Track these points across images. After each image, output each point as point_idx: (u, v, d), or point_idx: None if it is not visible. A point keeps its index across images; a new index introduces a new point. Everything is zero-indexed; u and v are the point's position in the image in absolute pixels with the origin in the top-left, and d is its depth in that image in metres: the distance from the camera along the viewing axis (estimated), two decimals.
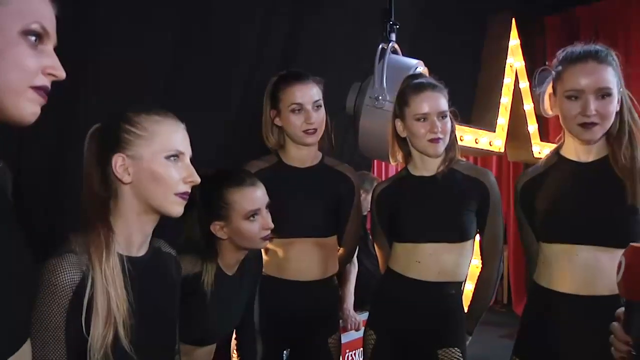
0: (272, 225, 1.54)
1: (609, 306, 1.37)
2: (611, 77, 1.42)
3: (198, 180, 1.15)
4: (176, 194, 1.13)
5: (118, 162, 1.11)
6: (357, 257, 2.82)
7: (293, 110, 1.82)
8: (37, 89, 0.83)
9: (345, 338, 2.60)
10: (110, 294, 1.03)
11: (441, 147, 1.74)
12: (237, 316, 1.64)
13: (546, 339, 1.50)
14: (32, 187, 1.73)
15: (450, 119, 1.79)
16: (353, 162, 2.95)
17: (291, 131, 1.84)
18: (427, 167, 1.79)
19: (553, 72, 1.53)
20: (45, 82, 0.85)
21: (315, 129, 1.84)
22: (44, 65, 0.84)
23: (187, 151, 1.17)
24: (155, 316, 1.16)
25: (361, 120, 2.46)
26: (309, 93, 1.83)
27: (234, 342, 1.77)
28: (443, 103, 1.74)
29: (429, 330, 1.72)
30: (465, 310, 1.81)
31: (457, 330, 1.73)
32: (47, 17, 0.85)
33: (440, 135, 1.72)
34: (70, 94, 1.83)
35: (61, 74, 0.86)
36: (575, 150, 1.52)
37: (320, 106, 1.86)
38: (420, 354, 1.74)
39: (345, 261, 2.08)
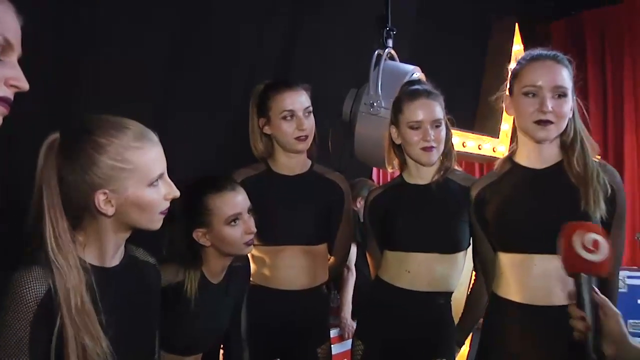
0: (254, 230, 1.53)
1: (566, 316, 1.36)
2: (567, 79, 1.43)
3: (178, 193, 1.14)
4: (160, 213, 1.13)
5: (101, 198, 1.07)
6: (355, 264, 2.81)
7: (284, 118, 1.80)
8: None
9: (342, 347, 2.57)
10: (85, 342, 1.01)
11: (434, 155, 1.72)
12: (222, 325, 1.62)
13: (506, 349, 1.46)
14: (24, 189, 1.73)
15: (447, 126, 1.76)
16: (352, 168, 2.94)
17: (282, 139, 1.83)
18: (422, 175, 1.77)
19: (511, 73, 1.52)
20: (7, 93, 0.84)
21: (307, 136, 1.82)
22: (6, 77, 0.83)
23: (165, 167, 1.14)
24: (129, 326, 1.14)
25: (357, 126, 2.44)
26: (299, 99, 1.82)
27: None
28: (438, 111, 1.72)
29: (418, 340, 1.69)
30: (456, 321, 1.78)
31: (446, 341, 1.71)
32: (11, 29, 0.84)
33: (434, 144, 1.69)
34: (66, 94, 1.84)
35: (24, 85, 0.85)
36: (528, 157, 1.50)
37: (310, 112, 1.85)
38: None
39: (336, 270, 2.05)
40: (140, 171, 1.09)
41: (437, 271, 1.70)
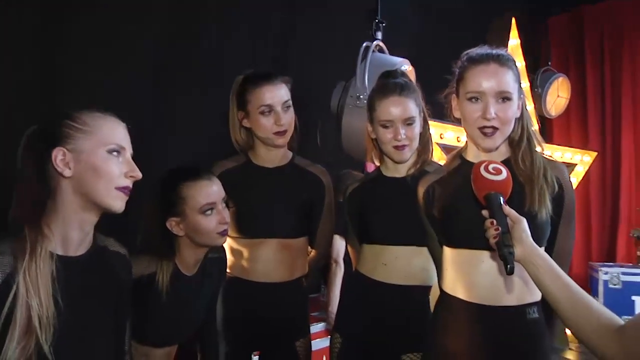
0: (228, 220, 1.52)
1: (516, 317, 1.37)
2: (512, 81, 1.39)
3: (139, 175, 1.16)
4: (117, 188, 1.13)
5: (58, 155, 1.10)
6: (343, 259, 2.79)
7: (262, 112, 1.78)
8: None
9: (327, 342, 2.57)
10: (32, 304, 1.02)
11: (406, 153, 1.71)
12: (197, 318, 1.61)
13: (449, 347, 1.43)
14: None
15: (424, 119, 1.75)
16: (344, 161, 2.93)
17: (261, 133, 1.81)
18: (398, 168, 1.76)
19: (455, 73, 1.48)
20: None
21: (286, 130, 1.80)
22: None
23: (128, 148, 1.17)
24: (92, 319, 1.14)
25: (343, 119, 2.43)
26: (278, 94, 1.79)
27: None
28: (410, 108, 1.68)
29: (394, 334, 1.68)
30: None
31: (422, 335, 1.68)
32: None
33: (405, 142, 1.68)
34: (54, 89, 1.84)
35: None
36: (477, 154, 1.47)
37: (290, 106, 1.82)
38: (385, 357, 1.70)
39: (317, 263, 2.03)
40: (97, 134, 1.13)
41: (414, 264, 1.69)
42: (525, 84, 4.25)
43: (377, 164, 2.26)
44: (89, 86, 2.08)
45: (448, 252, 1.48)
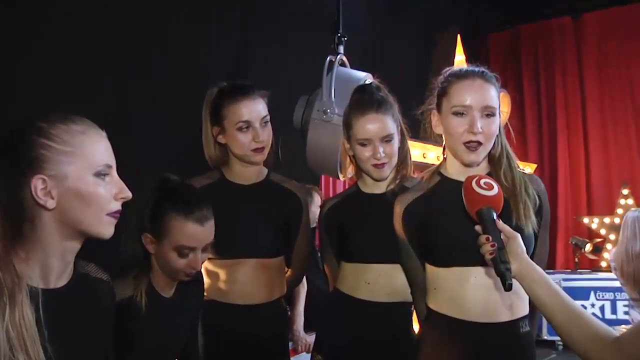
0: (199, 268, 1.44)
1: (510, 332, 1.38)
2: (495, 97, 1.42)
3: (130, 195, 1.03)
4: (108, 214, 1.01)
5: (39, 185, 0.95)
6: (306, 276, 2.74)
7: (240, 129, 1.70)
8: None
9: None
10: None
11: (386, 171, 1.68)
12: (177, 344, 1.51)
13: None
14: None
15: (403, 133, 1.74)
16: (302, 177, 2.90)
17: (238, 151, 1.73)
18: (378, 184, 1.73)
19: (437, 88, 1.48)
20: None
21: (264, 147, 1.74)
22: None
23: (114, 163, 1.03)
24: (77, 354, 1.03)
25: (309, 134, 2.39)
26: (256, 109, 1.72)
27: None
28: (388, 126, 1.65)
29: (379, 352, 1.65)
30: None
31: (407, 352, 1.67)
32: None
33: (385, 160, 1.65)
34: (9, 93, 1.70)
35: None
36: (457, 170, 1.47)
37: (267, 122, 1.76)
38: None
39: (294, 282, 1.98)
40: (83, 156, 0.97)
41: (397, 281, 1.66)
42: None
43: (342, 179, 2.23)
44: (42, 100, 1.94)
45: (434, 271, 1.47)
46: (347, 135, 1.71)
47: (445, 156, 1.52)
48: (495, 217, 1.19)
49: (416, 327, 1.72)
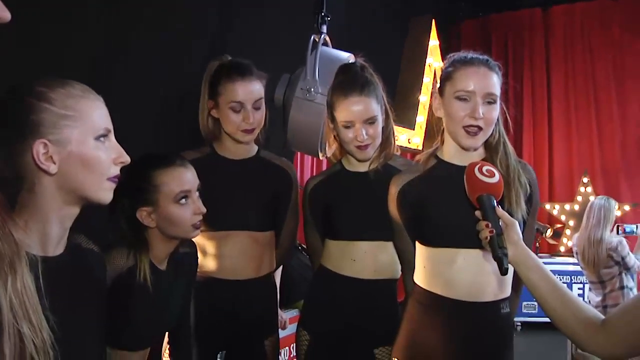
0: (204, 210, 1.41)
1: (491, 312, 1.45)
2: (497, 85, 1.45)
3: (128, 159, 1.03)
4: (108, 179, 1.00)
5: (40, 150, 0.93)
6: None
7: (232, 108, 1.70)
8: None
9: None
10: (23, 331, 0.86)
11: (369, 152, 1.70)
12: (173, 316, 1.50)
13: (426, 341, 1.48)
14: None
15: (387, 113, 1.75)
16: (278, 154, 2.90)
17: (228, 128, 1.74)
18: (362, 163, 1.75)
19: (442, 73, 1.52)
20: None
21: (254, 129, 1.74)
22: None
23: (112, 128, 1.03)
24: (78, 324, 1.01)
25: (291, 113, 2.37)
26: (251, 91, 1.71)
27: (166, 344, 1.63)
28: (372, 108, 1.66)
29: (365, 328, 1.68)
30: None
31: (393, 328, 1.71)
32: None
33: (368, 142, 1.67)
34: None
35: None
36: (453, 154, 1.51)
37: (261, 105, 1.75)
38: (357, 353, 1.70)
39: (282, 258, 1.99)
40: (85, 120, 0.97)
41: (382, 258, 1.70)
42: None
43: (322, 157, 2.24)
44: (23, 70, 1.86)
45: (424, 250, 1.51)
46: (331, 116, 1.72)
47: (442, 140, 1.55)
48: (495, 204, 1.22)
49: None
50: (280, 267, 2.75)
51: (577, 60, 5.20)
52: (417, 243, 1.55)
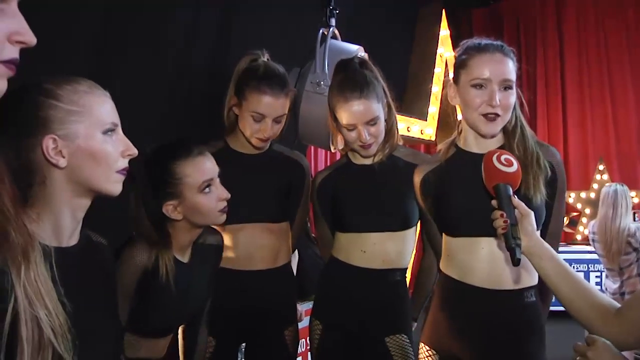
0: (228, 195, 1.42)
1: (514, 300, 1.44)
2: (513, 71, 1.44)
3: (136, 152, 1.05)
4: (117, 172, 1.03)
5: (50, 145, 0.96)
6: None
7: (253, 117, 1.71)
8: (6, 62, 0.70)
9: None
10: (40, 316, 0.89)
11: (373, 149, 1.71)
12: (197, 304, 1.52)
13: (451, 327, 1.48)
14: None
15: (390, 106, 1.74)
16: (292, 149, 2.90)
17: (244, 131, 1.75)
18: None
19: (456, 61, 1.51)
20: (13, 52, 0.70)
21: (268, 139, 1.76)
22: (9, 32, 0.69)
23: (119, 122, 1.05)
24: (96, 315, 1.04)
25: (301, 106, 2.38)
26: (276, 108, 1.71)
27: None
28: (372, 109, 1.65)
29: (376, 317, 1.70)
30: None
31: (403, 316, 1.73)
32: None
33: (371, 141, 1.68)
34: None
35: (31, 39, 0.72)
36: (472, 142, 1.51)
37: (282, 120, 1.76)
38: (368, 341, 1.72)
39: (293, 246, 2.00)
40: (91, 115, 1.00)
41: (391, 249, 1.72)
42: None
43: (334, 150, 2.26)
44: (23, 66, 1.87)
45: (446, 239, 1.53)
46: (334, 118, 1.72)
47: (460, 129, 1.55)
48: (511, 194, 1.23)
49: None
50: (296, 258, 2.78)
51: (591, 44, 5.13)
52: (442, 233, 1.56)
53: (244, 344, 1.89)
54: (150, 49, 2.33)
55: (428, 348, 1.53)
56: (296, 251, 2.74)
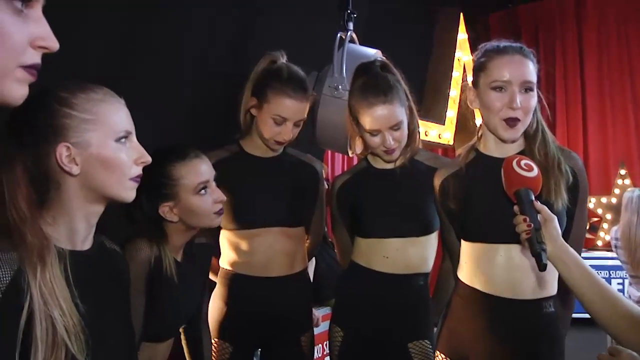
0: (224, 198, 1.43)
1: (532, 310, 1.41)
2: (534, 73, 1.42)
3: (150, 160, 1.07)
4: (130, 179, 1.04)
5: (63, 152, 0.98)
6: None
7: (274, 120, 1.70)
8: (28, 67, 0.70)
9: None
10: (54, 316, 0.90)
11: (396, 153, 1.70)
12: (193, 306, 1.53)
13: (465, 335, 1.46)
14: None
15: (412, 109, 1.73)
16: (304, 151, 2.90)
17: (263, 134, 1.74)
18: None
19: (475, 64, 1.49)
20: (35, 58, 0.71)
21: (286, 142, 1.75)
22: (32, 37, 0.69)
23: (134, 129, 1.07)
24: (106, 313, 1.05)
25: (319, 110, 2.37)
26: (298, 111, 1.71)
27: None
28: (396, 114, 1.64)
29: (399, 323, 1.69)
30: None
31: (426, 322, 1.71)
32: None
33: (394, 146, 1.66)
34: None
35: (54, 45, 0.72)
36: (492, 146, 1.49)
37: (301, 123, 1.76)
38: (391, 347, 1.70)
39: (312, 252, 2.00)
40: (105, 123, 1.01)
41: (413, 254, 1.70)
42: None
43: (352, 155, 2.25)
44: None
45: (464, 245, 1.50)
46: (355, 122, 1.70)
47: (480, 133, 1.52)
48: (533, 198, 1.21)
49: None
50: (313, 263, 2.77)
51: (612, 49, 5.05)
52: (461, 239, 1.53)
53: (259, 350, 1.88)
54: (168, 54, 2.34)
55: (444, 356, 1.50)
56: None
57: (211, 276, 1.74)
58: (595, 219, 4.91)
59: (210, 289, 1.74)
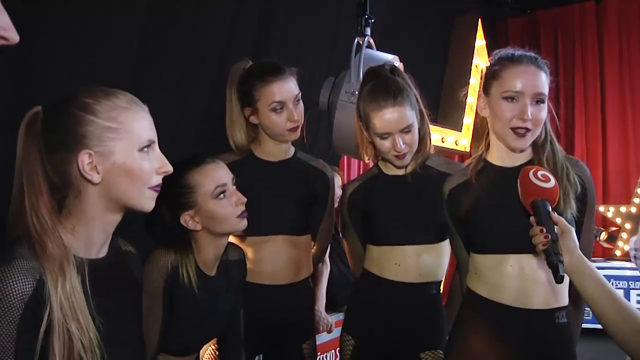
0: (244, 199, 1.42)
1: (544, 321, 1.38)
2: (546, 84, 1.40)
3: (171, 169, 1.06)
4: (150, 188, 1.03)
5: (85, 160, 0.97)
6: (328, 257, 2.76)
7: (274, 109, 1.69)
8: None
9: (317, 340, 2.53)
10: (72, 330, 0.91)
11: (407, 159, 1.67)
12: (221, 322, 1.51)
13: (475, 345, 1.43)
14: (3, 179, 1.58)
15: (422, 113, 1.70)
16: (322, 158, 2.90)
17: (273, 130, 1.72)
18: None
19: (488, 72, 1.46)
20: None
21: (298, 125, 1.74)
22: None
23: (156, 138, 1.05)
24: (119, 324, 1.05)
25: (336, 115, 2.37)
26: (289, 89, 1.70)
27: (209, 351, 1.65)
28: (407, 117, 1.62)
29: (411, 332, 1.66)
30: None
31: (439, 331, 1.69)
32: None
33: (406, 150, 1.64)
34: (24, 83, 1.67)
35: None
36: (500, 156, 1.46)
37: (300, 99, 1.74)
38: (403, 357, 1.68)
39: (318, 259, 1.98)
40: (129, 132, 1.00)
41: (426, 261, 1.68)
42: None
43: (367, 160, 2.24)
44: (59, 77, 1.90)
45: (476, 257, 1.48)
46: (365, 126, 1.68)
47: (488, 141, 1.51)
48: (550, 209, 1.20)
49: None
50: (327, 270, 2.77)
51: (633, 56, 4.98)
52: (470, 250, 1.51)
53: (260, 355, 1.87)
54: (186, 63, 2.37)
55: None
56: (327, 261, 2.73)
57: None
58: (614, 229, 4.84)
59: None
